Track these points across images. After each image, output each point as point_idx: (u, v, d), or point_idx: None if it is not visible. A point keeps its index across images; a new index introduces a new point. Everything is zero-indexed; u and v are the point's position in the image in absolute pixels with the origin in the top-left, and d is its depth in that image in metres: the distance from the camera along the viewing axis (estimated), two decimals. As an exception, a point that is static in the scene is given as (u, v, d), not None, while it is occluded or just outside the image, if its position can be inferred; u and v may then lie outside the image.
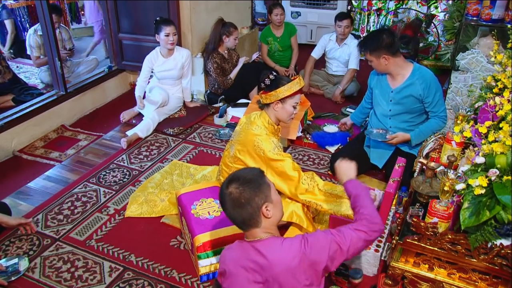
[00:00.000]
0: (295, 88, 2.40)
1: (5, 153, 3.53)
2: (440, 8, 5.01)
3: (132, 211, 2.84)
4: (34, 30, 4.52)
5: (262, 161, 2.45)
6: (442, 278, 1.96)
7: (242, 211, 1.57)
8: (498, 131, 1.83)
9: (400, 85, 2.91)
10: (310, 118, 4.01)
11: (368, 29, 5.68)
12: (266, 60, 4.92)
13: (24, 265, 2.41)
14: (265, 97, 2.43)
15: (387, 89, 2.99)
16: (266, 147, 2.40)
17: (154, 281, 2.34)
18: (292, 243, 1.57)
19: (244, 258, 1.59)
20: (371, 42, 2.81)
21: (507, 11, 2.93)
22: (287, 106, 2.44)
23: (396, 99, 2.95)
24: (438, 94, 2.87)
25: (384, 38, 2.77)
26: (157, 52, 3.88)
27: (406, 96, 2.90)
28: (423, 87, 2.83)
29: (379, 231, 1.62)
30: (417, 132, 2.94)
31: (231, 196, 1.57)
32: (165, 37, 3.74)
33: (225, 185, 1.59)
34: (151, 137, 3.75)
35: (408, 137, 2.95)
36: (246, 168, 1.66)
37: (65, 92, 4.03)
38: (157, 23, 3.77)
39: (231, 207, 1.59)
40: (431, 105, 2.89)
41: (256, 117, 2.52)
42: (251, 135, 2.45)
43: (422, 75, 2.85)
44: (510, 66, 2.27)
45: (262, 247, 1.57)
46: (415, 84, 2.86)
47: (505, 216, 1.66)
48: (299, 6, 5.91)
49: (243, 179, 1.58)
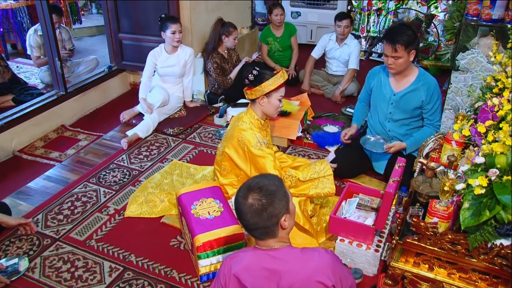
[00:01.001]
0: (279, 82, 2.42)
1: (5, 153, 3.53)
2: (440, 8, 5.01)
3: (132, 211, 2.84)
4: (34, 30, 4.52)
5: (246, 156, 2.50)
6: (442, 278, 1.96)
7: (261, 222, 1.52)
8: (498, 131, 1.83)
9: (404, 88, 2.88)
10: (310, 118, 4.01)
11: (368, 29, 5.68)
12: (266, 60, 4.92)
13: (24, 265, 2.41)
14: (250, 92, 2.46)
15: (389, 91, 2.95)
16: (249, 142, 2.45)
17: (154, 281, 2.33)
18: (315, 254, 1.55)
19: (258, 267, 1.56)
20: (404, 36, 2.66)
21: (507, 11, 2.93)
22: (273, 100, 2.47)
23: (397, 103, 2.92)
24: (438, 102, 2.86)
25: (411, 32, 2.70)
26: (161, 48, 3.91)
27: (408, 101, 2.88)
28: (427, 93, 2.82)
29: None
30: (413, 141, 2.94)
31: (253, 207, 1.51)
32: (171, 34, 3.76)
33: (244, 193, 1.53)
34: (151, 137, 3.75)
35: (404, 146, 2.94)
36: (265, 176, 1.61)
37: (65, 92, 4.03)
38: (162, 20, 3.79)
39: (251, 217, 1.53)
40: (429, 112, 2.88)
41: (243, 113, 2.58)
42: (237, 131, 2.50)
43: (427, 81, 2.84)
44: (510, 66, 2.26)
45: (279, 255, 1.55)
46: (419, 89, 2.84)
47: (505, 216, 1.66)
48: (299, 6, 5.91)
49: (265, 190, 1.51)
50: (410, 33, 2.70)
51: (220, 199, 2.53)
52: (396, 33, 2.71)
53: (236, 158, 2.53)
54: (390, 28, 2.84)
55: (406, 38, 2.67)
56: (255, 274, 1.55)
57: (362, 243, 2.35)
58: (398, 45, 2.67)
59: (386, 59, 2.80)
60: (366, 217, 2.46)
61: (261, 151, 2.45)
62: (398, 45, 2.67)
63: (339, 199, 2.57)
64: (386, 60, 2.79)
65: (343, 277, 1.56)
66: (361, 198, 2.62)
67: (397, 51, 2.70)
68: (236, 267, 1.59)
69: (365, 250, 2.31)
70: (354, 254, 2.35)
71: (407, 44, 2.68)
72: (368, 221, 2.42)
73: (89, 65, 4.86)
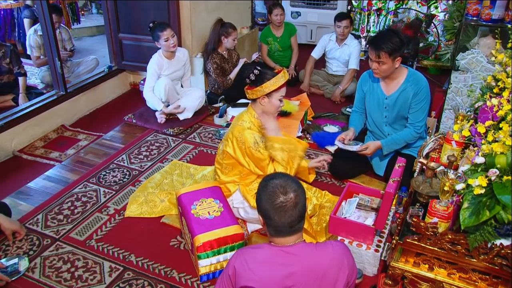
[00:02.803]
0: (280, 82, 2.42)
1: (5, 153, 3.53)
2: (440, 8, 5.01)
3: (132, 211, 2.84)
4: (34, 30, 4.52)
5: (245, 153, 2.51)
6: (442, 278, 1.96)
7: (302, 213, 1.58)
8: (498, 131, 1.83)
9: (394, 91, 2.87)
10: (310, 118, 4.01)
11: (368, 29, 5.68)
12: (266, 60, 4.92)
13: (24, 265, 2.41)
14: (251, 92, 2.46)
15: (381, 95, 2.93)
16: (248, 141, 2.46)
17: (154, 281, 2.34)
18: (328, 247, 1.62)
19: (274, 262, 1.58)
20: (389, 44, 2.65)
21: (507, 11, 2.93)
22: (274, 100, 2.47)
23: (390, 106, 2.92)
24: (423, 103, 2.82)
25: (398, 40, 2.68)
26: (160, 55, 3.83)
27: (401, 103, 2.87)
28: (415, 91, 2.80)
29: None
30: (389, 140, 2.92)
31: (296, 200, 1.56)
32: (165, 42, 3.71)
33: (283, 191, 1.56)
34: (151, 137, 3.75)
35: (379, 144, 2.91)
36: (279, 173, 1.69)
37: (65, 92, 4.03)
38: (152, 30, 3.72)
39: (297, 212, 1.56)
40: (413, 111, 2.85)
41: (244, 112, 2.59)
42: (236, 129, 2.51)
43: (416, 80, 2.81)
44: (510, 66, 2.26)
45: (295, 251, 1.58)
46: (407, 89, 2.83)
47: (505, 216, 1.66)
48: (299, 6, 5.91)
49: (292, 183, 1.59)
50: (397, 40, 2.67)
51: (220, 199, 2.53)
52: (382, 39, 2.68)
53: (236, 155, 2.54)
54: (377, 33, 2.79)
55: (391, 46, 2.65)
56: (272, 269, 1.57)
57: (362, 243, 2.35)
58: (382, 52, 2.67)
59: (370, 63, 2.80)
60: (366, 217, 2.46)
61: (258, 152, 2.46)
62: (382, 52, 2.66)
63: (339, 199, 2.57)
64: (371, 64, 2.79)
65: (354, 268, 1.65)
66: (361, 198, 2.62)
67: (380, 57, 2.69)
68: (251, 262, 1.60)
69: (365, 250, 2.31)
70: (354, 254, 2.32)
71: (391, 52, 2.66)
72: (368, 221, 2.42)
73: (89, 65, 4.86)
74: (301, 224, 1.60)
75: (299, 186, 1.60)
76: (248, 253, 1.64)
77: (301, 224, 1.60)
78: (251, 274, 1.57)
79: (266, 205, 1.58)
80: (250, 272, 1.57)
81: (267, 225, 1.62)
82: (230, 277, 1.63)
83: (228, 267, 1.65)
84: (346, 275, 1.58)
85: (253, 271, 1.57)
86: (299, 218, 1.57)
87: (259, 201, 1.61)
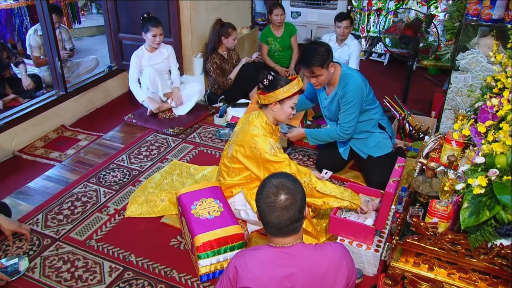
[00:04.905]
0: (293, 90, 2.39)
1: (5, 153, 3.53)
2: (440, 8, 5.01)
3: (132, 211, 2.84)
4: (34, 30, 4.51)
5: (258, 162, 2.45)
6: (442, 278, 1.96)
7: (295, 215, 1.55)
8: (498, 131, 1.83)
9: (331, 93, 2.91)
10: (310, 118, 4.01)
11: (368, 29, 5.67)
12: (266, 60, 4.92)
13: (24, 265, 2.41)
14: (263, 97, 2.41)
15: (322, 95, 3.00)
16: (263, 148, 2.39)
17: (154, 281, 2.34)
18: (327, 249, 1.61)
19: (273, 264, 1.57)
20: (316, 57, 2.67)
21: (507, 11, 2.93)
22: (286, 107, 2.43)
23: (327, 106, 2.97)
24: (350, 105, 2.81)
25: (323, 49, 2.69)
26: (142, 49, 3.94)
27: (334, 104, 2.91)
28: (342, 94, 2.81)
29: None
30: (313, 132, 3.02)
31: (287, 201, 1.53)
32: (152, 37, 3.80)
33: (274, 191, 1.55)
34: (151, 137, 3.76)
35: (302, 131, 3.05)
36: (278, 173, 1.66)
37: (65, 92, 4.03)
38: (144, 21, 3.79)
39: (286, 213, 1.54)
40: (341, 111, 2.86)
41: (254, 117, 2.51)
42: (248, 136, 2.44)
43: (344, 82, 2.81)
44: (510, 66, 2.26)
45: (294, 252, 1.57)
46: (338, 92, 2.85)
47: (505, 216, 1.66)
48: (299, 6, 5.91)
49: (290, 183, 1.57)
50: (322, 50, 2.69)
51: (220, 199, 2.53)
52: (309, 55, 2.70)
53: (248, 163, 2.48)
54: (303, 50, 2.81)
55: (319, 58, 2.68)
56: (270, 270, 1.56)
57: (362, 243, 2.35)
58: (313, 68, 2.69)
59: (308, 80, 2.84)
60: (366, 217, 2.46)
61: (275, 157, 2.39)
62: (313, 67, 2.69)
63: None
64: (309, 80, 2.84)
65: (353, 269, 1.64)
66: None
67: (314, 72, 2.72)
68: (250, 263, 1.60)
69: (365, 250, 2.32)
70: (354, 254, 2.35)
71: (322, 63, 2.68)
72: (368, 221, 2.42)
73: (89, 65, 4.86)
74: (294, 226, 1.56)
75: (296, 188, 1.56)
76: (247, 255, 1.64)
77: (294, 226, 1.56)
78: (249, 275, 1.57)
79: (259, 203, 1.59)
80: (249, 273, 1.57)
81: (263, 224, 1.62)
82: (230, 280, 1.62)
83: (228, 269, 1.65)
84: (346, 276, 1.57)
85: (252, 272, 1.57)
86: (289, 221, 1.54)
87: (256, 199, 1.62)
